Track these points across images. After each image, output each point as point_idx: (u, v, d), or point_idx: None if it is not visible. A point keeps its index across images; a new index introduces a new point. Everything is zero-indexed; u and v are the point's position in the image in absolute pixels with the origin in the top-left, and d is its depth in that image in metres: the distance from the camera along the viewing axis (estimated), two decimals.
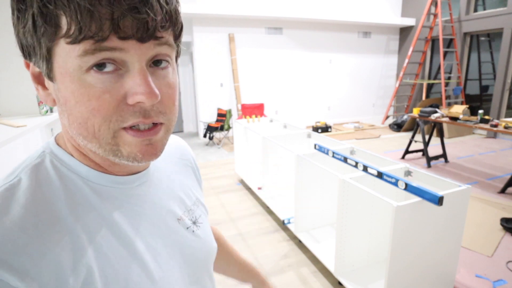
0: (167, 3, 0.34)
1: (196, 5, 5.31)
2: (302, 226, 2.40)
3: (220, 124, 5.53)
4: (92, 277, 0.35)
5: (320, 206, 2.43)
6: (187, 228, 0.50)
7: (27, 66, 0.37)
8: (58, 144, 0.41)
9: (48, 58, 0.33)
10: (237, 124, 3.76)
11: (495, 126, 3.38)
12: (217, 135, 6.15)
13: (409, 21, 7.17)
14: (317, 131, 6.07)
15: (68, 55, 0.32)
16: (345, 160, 2.04)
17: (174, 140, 0.61)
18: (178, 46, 0.39)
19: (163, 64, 0.36)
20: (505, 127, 3.30)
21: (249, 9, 5.72)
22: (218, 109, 5.88)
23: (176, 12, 0.35)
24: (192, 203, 0.54)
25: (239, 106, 6.01)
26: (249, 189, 3.52)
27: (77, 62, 0.32)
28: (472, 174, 3.88)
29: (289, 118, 6.79)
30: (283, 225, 2.67)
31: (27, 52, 0.35)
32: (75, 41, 0.31)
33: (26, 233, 0.32)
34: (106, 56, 0.32)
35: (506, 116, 5.71)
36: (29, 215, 0.33)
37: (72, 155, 0.40)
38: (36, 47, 0.33)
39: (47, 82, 0.36)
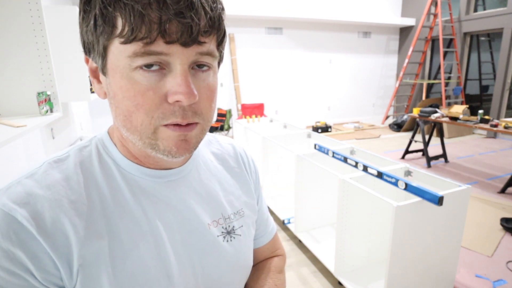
0: (211, 10, 0.36)
1: None
2: (302, 226, 2.40)
3: (220, 124, 5.53)
4: (101, 256, 0.38)
5: (320, 206, 2.43)
6: (217, 236, 0.49)
7: (87, 61, 0.42)
8: (108, 133, 0.47)
9: (104, 55, 0.37)
10: (237, 124, 3.77)
11: (495, 126, 3.38)
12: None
13: (409, 21, 7.16)
14: (317, 131, 6.06)
15: (120, 54, 0.36)
16: (345, 160, 2.04)
17: (229, 146, 0.59)
18: (220, 52, 0.41)
19: (205, 67, 0.39)
20: (505, 127, 3.30)
21: (249, 9, 5.72)
22: (218, 109, 5.88)
23: (220, 18, 0.37)
24: (234, 212, 0.53)
25: (239, 106, 6.01)
26: None
27: (127, 61, 0.35)
28: (472, 174, 3.88)
29: (289, 118, 6.78)
30: (283, 225, 2.67)
31: (87, 49, 0.39)
32: (127, 41, 0.34)
33: (56, 195, 0.38)
34: (153, 60, 0.35)
35: (506, 116, 5.71)
36: (63, 183, 0.40)
37: (115, 144, 0.45)
38: (95, 44, 0.37)
39: (101, 77, 0.41)
